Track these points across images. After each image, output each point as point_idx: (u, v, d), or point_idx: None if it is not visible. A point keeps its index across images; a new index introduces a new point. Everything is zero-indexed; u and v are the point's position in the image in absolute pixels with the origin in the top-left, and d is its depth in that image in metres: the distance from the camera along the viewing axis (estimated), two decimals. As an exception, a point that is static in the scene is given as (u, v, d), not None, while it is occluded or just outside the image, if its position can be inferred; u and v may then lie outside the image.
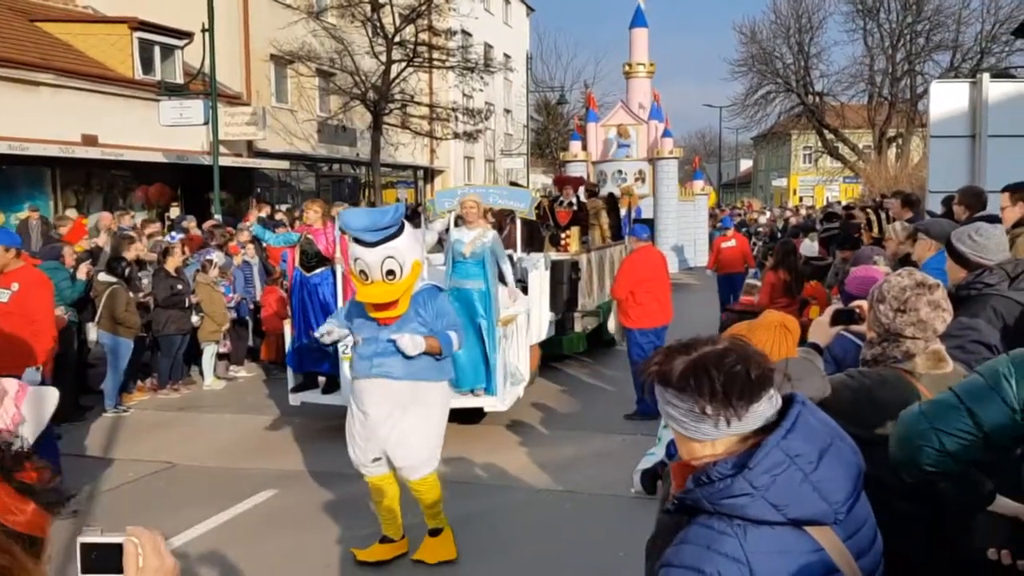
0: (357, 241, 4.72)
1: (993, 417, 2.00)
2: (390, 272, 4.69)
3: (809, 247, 10.51)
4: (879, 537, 1.79)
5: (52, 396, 4.54)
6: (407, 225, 4.85)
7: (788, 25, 37.69)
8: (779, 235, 16.58)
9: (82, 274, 8.48)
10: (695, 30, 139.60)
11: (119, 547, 1.31)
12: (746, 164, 71.56)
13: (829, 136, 38.51)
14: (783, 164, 57.43)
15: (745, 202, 35.66)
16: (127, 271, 9.39)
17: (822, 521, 1.61)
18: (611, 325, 9.86)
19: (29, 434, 4.22)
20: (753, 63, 38.13)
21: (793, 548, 1.59)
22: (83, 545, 1.30)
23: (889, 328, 2.71)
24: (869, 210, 9.44)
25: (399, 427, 4.92)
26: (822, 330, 2.90)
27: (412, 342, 4.73)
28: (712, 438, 1.65)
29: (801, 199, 45.69)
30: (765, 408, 1.65)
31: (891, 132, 37.46)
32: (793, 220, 20.90)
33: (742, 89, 39.42)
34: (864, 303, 2.88)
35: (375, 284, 4.73)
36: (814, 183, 48.98)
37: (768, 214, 24.60)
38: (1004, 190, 5.38)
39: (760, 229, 20.54)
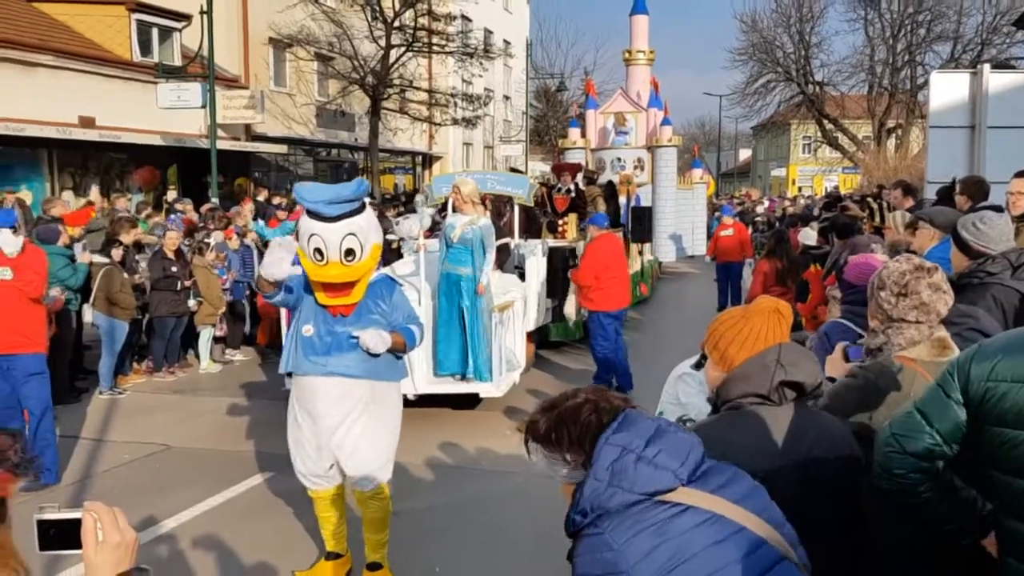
0: (313, 215, 4.14)
1: (939, 412, 2.15)
2: (349, 252, 4.14)
3: (808, 236, 10.48)
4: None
5: None
6: (367, 204, 4.35)
7: (789, 14, 37.49)
8: (777, 224, 16.57)
9: (84, 259, 8.45)
10: (695, 18, 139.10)
11: (77, 523, 1.28)
12: (745, 153, 71.46)
13: (829, 126, 38.38)
14: (782, 154, 57.33)
15: (744, 191, 35.61)
16: (123, 253, 9.37)
17: (670, 486, 1.81)
18: (568, 308, 9.94)
19: None
20: (754, 52, 37.94)
21: (652, 519, 1.78)
22: (40, 522, 1.27)
23: (891, 314, 2.70)
24: (869, 199, 9.42)
25: (353, 431, 4.43)
26: (836, 366, 2.99)
27: (379, 338, 4.28)
28: (576, 480, 1.87)
29: (800, 189, 45.70)
30: None
31: (891, 123, 37.35)
32: (791, 209, 20.90)
33: (742, 78, 39.22)
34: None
35: (331, 264, 4.16)
36: (813, 173, 48.94)
37: (767, 203, 24.57)
38: (1018, 175, 5.34)
39: (758, 218, 20.52)
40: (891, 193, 8.49)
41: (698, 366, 3.14)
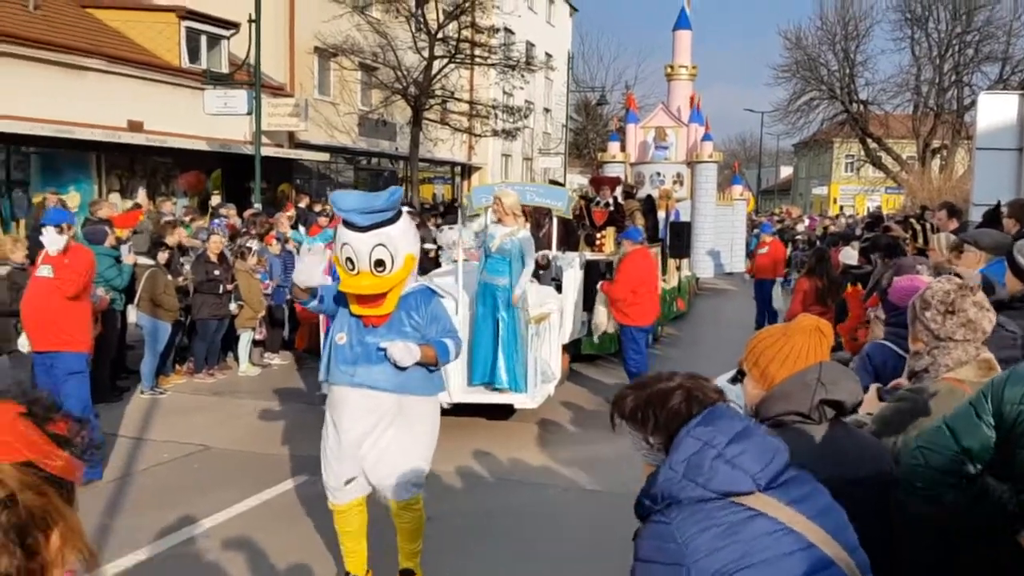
0: (347, 224, 4.14)
1: (967, 430, 2.15)
2: (379, 263, 4.11)
3: (849, 255, 10.38)
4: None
5: None
6: (404, 213, 4.31)
7: (834, 32, 37.19)
8: (818, 243, 16.41)
9: (129, 260, 8.62)
10: (738, 34, 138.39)
11: None
12: (786, 171, 70.84)
13: (872, 145, 37.95)
14: (824, 172, 56.75)
15: (784, 209, 35.30)
16: (168, 255, 9.55)
17: (747, 490, 1.78)
18: (600, 318, 9.72)
19: None
20: (797, 69, 37.68)
21: (722, 519, 1.76)
22: None
23: (938, 334, 2.69)
24: (912, 220, 9.31)
25: (380, 443, 4.36)
26: (872, 405, 2.99)
27: (406, 351, 4.18)
28: (656, 463, 1.88)
29: (841, 208, 45.12)
30: None
31: (936, 143, 36.83)
32: (832, 228, 20.69)
33: (785, 95, 38.85)
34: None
35: (362, 275, 4.13)
36: (855, 192, 48.32)
37: (807, 221, 24.33)
38: None
39: (798, 236, 20.33)
40: (935, 214, 8.39)
41: (734, 380, 3.14)
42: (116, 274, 8.37)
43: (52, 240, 6.37)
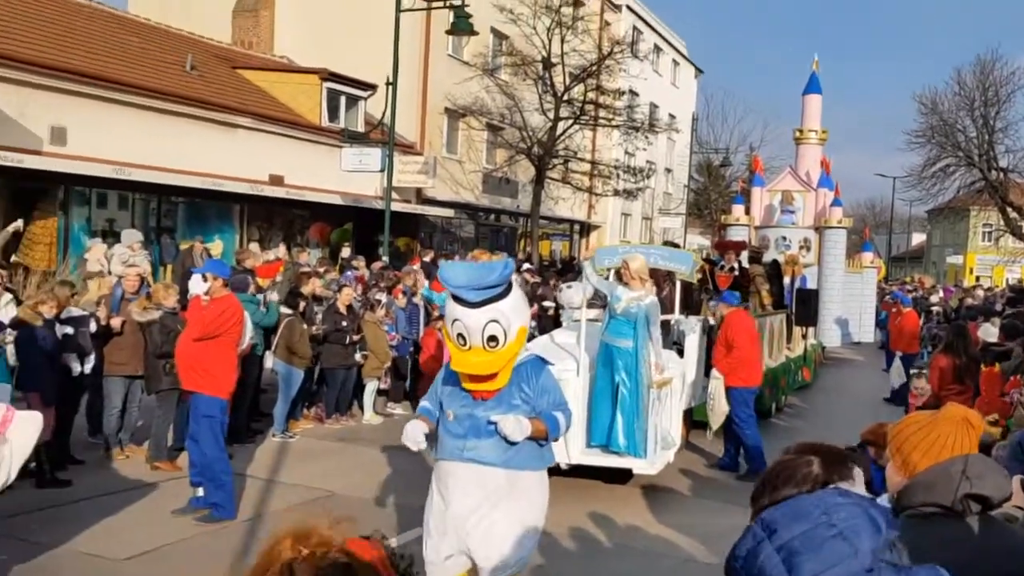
0: (457, 300, 4.07)
1: None
2: (492, 338, 4.03)
3: (989, 331, 9.92)
4: None
5: (36, 422, 4.87)
6: (515, 285, 4.25)
7: (973, 97, 35.82)
8: (953, 316, 15.71)
9: (274, 298, 9.20)
10: (870, 98, 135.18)
11: None
12: (918, 238, 68.10)
13: (1013, 215, 36.12)
14: (959, 240, 54.28)
15: (916, 278, 33.89)
16: (303, 305, 10.03)
17: None
18: (722, 405, 9.03)
19: (16, 457, 4.55)
20: (932, 134, 36.40)
21: None
22: None
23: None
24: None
25: (487, 520, 4.19)
26: (1020, 497, 2.93)
27: (517, 426, 4.07)
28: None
29: (978, 279, 42.99)
30: None
31: (1083, 214, 34.78)
32: (969, 301, 19.73)
33: (919, 160, 37.54)
34: None
35: (474, 351, 4.05)
36: (993, 263, 45.96)
37: (941, 292, 23.28)
38: None
39: (933, 307, 19.46)
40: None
41: (852, 450, 3.09)
42: (263, 315, 8.86)
43: (196, 285, 6.83)
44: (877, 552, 1.63)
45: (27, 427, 4.77)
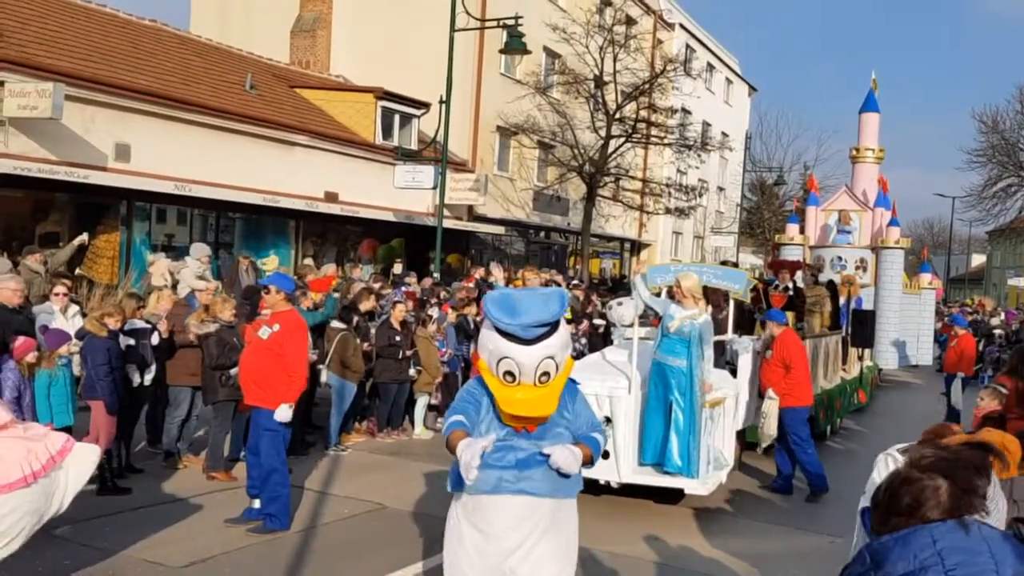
0: (507, 335, 3.80)
1: None
2: (545, 374, 3.83)
3: (1053, 356, 9.62)
4: None
5: (94, 453, 4.92)
6: (562, 317, 3.99)
7: (1036, 115, 35.07)
8: (1015, 338, 15.29)
9: (306, 305, 9.52)
10: (928, 116, 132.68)
11: None
12: (978, 259, 66.48)
13: (1079, 235, 35.13)
14: (1021, 262, 52.88)
15: (976, 300, 33.08)
16: (356, 319, 10.15)
17: None
18: (772, 424, 8.97)
19: (71, 486, 4.60)
20: (993, 154, 35.68)
21: None
22: None
23: None
24: None
25: (534, 554, 3.99)
26: None
27: (572, 457, 3.85)
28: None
29: (1041, 301, 41.77)
30: None
31: None
32: (1033, 324, 19.20)
33: (979, 180, 36.82)
34: None
35: (523, 387, 3.80)
36: (1057, 285, 44.66)
37: (1003, 315, 22.68)
38: None
39: (995, 330, 18.96)
40: None
41: (906, 451, 3.04)
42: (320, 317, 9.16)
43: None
44: None
45: (85, 457, 4.89)
